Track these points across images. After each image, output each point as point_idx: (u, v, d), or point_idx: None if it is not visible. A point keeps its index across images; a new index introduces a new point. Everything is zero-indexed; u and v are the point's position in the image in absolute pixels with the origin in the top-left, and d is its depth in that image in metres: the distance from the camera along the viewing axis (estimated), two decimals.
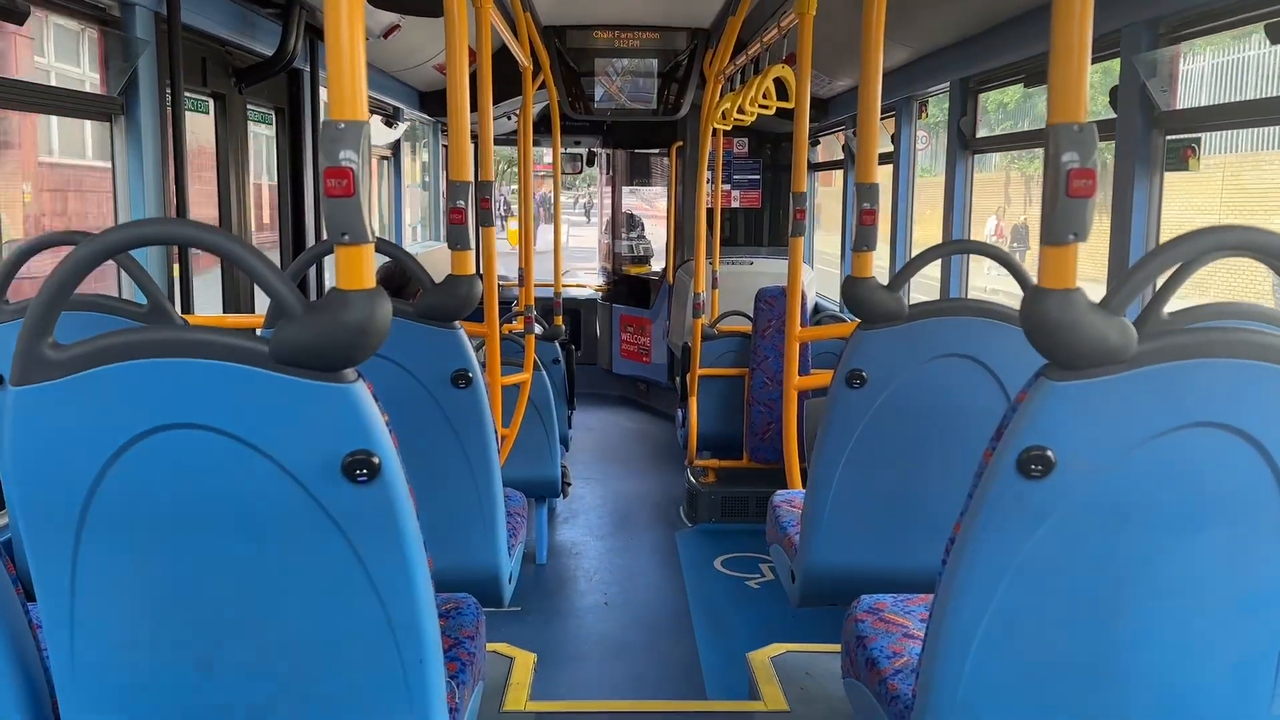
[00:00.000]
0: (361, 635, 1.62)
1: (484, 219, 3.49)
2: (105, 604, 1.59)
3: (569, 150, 9.49)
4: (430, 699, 1.69)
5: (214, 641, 1.62)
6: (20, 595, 1.65)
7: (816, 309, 7.30)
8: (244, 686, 1.65)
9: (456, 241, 2.67)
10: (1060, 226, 1.44)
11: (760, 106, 5.05)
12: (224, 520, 1.55)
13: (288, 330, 1.44)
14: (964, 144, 4.80)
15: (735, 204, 8.64)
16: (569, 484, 6.08)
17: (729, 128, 6.36)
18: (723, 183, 8.41)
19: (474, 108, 3.37)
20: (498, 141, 9.48)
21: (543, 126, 7.67)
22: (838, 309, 7.12)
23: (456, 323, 2.57)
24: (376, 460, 1.50)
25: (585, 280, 10.34)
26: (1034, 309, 1.48)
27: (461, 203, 2.66)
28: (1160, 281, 1.71)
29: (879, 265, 2.84)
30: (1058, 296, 1.46)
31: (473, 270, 2.65)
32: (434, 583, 1.74)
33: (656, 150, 9.13)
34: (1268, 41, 2.75)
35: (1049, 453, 1.54)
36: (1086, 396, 1.51)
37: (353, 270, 1.43)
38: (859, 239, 2.60)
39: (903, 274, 2.66)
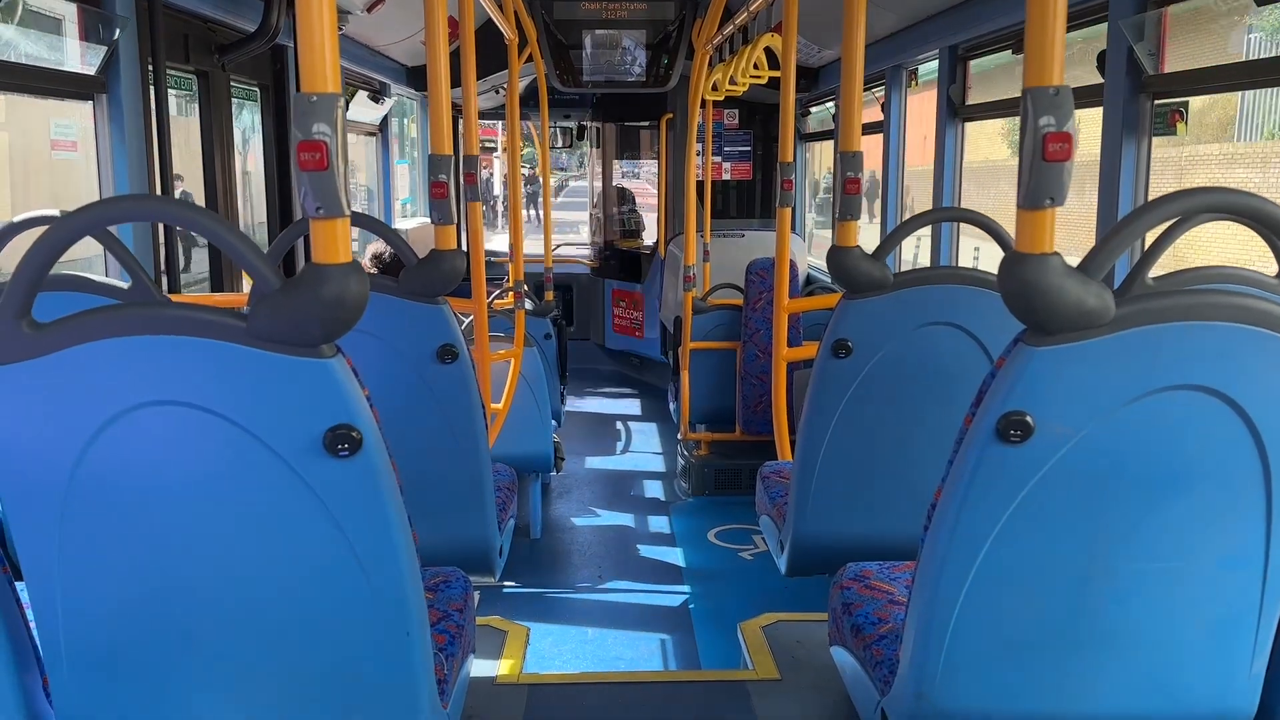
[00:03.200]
0: (346, 608, 1.63)
1: (470, 194, 3.47)
2: (91, 581, 1.60)
3: (559, 124, 9.43)
4: (417, 671, 1.71)
5: (200, 617, 1.63)
6: (7, 574, 1.65)
7: (809, 280, 7.30)
8: (230, 661, 1.66)
9: (439, 216, 2.66)
10: (1037, 191, 1.44)
11: (752, 76, 5.02)
12: (207, 496, 1.55)
13: (265, 306, 1.43)
14: (953, 112, 4.78)
15: (726, 176, 8.61)
16: (562, 459, 6.09)
17: (720, 98, 6.32)
18: (713, 155, 8.37)
19: (459, 82, 3.34)
20: (486, 116, 9.43)
21: (532, 100, 7.62)
22: (830, 280, 7.11)
23: (441, 298, 2.56)
24: (357, 434, 1.51)
25: (576, 255, 10.31)
26: (1011, 274, 1.48)
27: (444, 176, 2.64)
28: (1146, 245, 1.70)
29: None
30: (1035, 261, 1.46)
31: (456, 245, 2.64)
32: (423, 557, 1.75)
33: (647, 123, 9.08)
34: None
35: (1028, 417, 1.54)
36: (1064, 361, 1.52)
37: (329, 244, 1.42)
38: (843, 208, 2.59)
39: (888, 242, 2.65)
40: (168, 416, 1.50)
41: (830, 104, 7.16)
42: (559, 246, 9.86)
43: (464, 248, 5.31)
